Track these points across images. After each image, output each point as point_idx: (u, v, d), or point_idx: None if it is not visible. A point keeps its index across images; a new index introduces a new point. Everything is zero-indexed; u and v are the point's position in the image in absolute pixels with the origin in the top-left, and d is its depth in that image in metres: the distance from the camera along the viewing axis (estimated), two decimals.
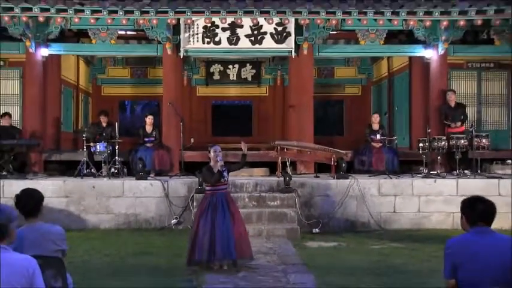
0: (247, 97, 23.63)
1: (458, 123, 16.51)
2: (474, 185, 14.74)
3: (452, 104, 16.71)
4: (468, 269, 4.67)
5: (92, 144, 15.88)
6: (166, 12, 15.92)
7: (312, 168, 16.50)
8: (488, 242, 4.74)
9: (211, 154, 10.05)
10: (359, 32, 17.12)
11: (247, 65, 22.72)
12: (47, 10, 15.71)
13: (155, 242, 12.61)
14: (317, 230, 13.86)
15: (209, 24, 16.65)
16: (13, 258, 4.27)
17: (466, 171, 15.66)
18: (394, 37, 18.52)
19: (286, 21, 16.56)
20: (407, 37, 18.10)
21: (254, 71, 22.83)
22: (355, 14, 16.08)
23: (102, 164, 15.72)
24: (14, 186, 13.84)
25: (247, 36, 16.85)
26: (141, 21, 16.42)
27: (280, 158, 15.74)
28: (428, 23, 16.49)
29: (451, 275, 4.79)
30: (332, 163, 15.52)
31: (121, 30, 17.63)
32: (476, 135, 15.58)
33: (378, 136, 16.64)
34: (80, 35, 18.85)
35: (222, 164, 9.90)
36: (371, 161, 16.42)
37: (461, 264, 4.70)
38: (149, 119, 16.85)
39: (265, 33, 16.80)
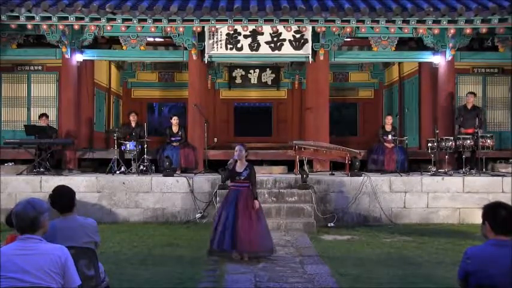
0: (267, 100, 23.57)
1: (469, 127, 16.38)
2: (479, 183, 14.75)
3: (470, 106, 16.61)
4: (481, 276, 4.49)
5: (122, 143, 15.98)
6: (192, 20, 15.95)
7: (327, 166, 16.47)
8: (507, 254, 4.45)
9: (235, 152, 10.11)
10: (372, 39, 17.10)
11: (267, 69, 22.66)
12: (82, 19, 15.81)
13: (180, 235, 12.64)
14: (332, 224, 13.88)
15: (232, 32, 16.67)
16: (47, 247, 4.31)
17: (471, 170, 15.59)
18: (405, 44, 18.43)
19: (304, 29, 16.55)
20: (417, 44, 18.04)
21: (274, 75, 22.78)
22: (368, 23, 16.02)
23: (132, 162, 15.76)
24: (51, 182, 14.12)
25: (267, 43, 16.85)
26: (168, 29, 16.48)
27: (297, 156, 15.70)
28: (436, 31, 16.45)
29: (463, 278, 4.66)
30: (346, 162, 15.45)
31: (150, 37, 17.72)
32: (481, 135, 15.52)
33: (390, 137, 16.56)
34: (111, 42, 18.91)
35: (233, 161, 10.02)
36: (383, 160, 16.33)
37: (475, 272, 4.51)
38: (175, 120, 16.89)
39: (284, 40, 16.80)
